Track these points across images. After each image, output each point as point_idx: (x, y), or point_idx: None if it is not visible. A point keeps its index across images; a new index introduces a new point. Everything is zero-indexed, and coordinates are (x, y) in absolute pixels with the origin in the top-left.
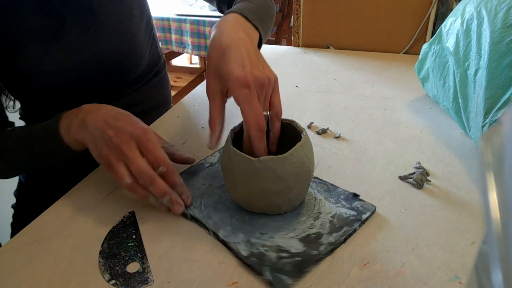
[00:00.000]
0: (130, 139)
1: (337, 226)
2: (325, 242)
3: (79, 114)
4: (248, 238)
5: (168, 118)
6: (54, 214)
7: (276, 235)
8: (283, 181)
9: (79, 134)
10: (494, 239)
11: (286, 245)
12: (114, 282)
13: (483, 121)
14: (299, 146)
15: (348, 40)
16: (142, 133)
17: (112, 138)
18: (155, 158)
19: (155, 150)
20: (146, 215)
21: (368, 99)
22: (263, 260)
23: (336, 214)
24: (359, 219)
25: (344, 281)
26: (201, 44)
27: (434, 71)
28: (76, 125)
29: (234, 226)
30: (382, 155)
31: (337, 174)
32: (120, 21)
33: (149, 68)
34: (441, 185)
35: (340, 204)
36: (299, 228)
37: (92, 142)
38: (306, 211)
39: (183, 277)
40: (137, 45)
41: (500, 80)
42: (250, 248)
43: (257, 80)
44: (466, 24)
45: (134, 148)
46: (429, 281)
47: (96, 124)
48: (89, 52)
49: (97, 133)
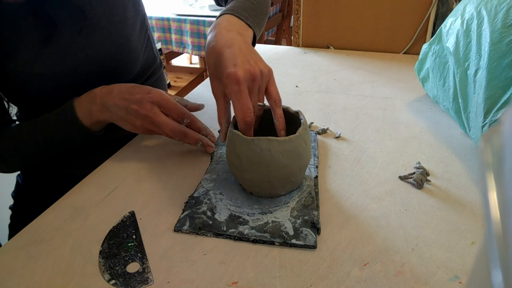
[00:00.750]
0: (152, 106)
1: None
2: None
3: (95, 99)
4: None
5: None
6: (54, 214)
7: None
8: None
9: (104, 116)
10: (494, 239)
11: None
12: (114, 282)
13: (483, 121)
14: (302, 129)
15: (348, 40)
16: (159, 97)
17: (139, 111)
18: (178, 114)
19: (175, 108)
20: (146, 215)
21: (368, 99)
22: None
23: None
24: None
25: (344, 281)
26: (201, 44)
27: (434, 71)
28: (96, 109)
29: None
30: (382, 155)
31: (337, 174)
32: (112, 23)
33: (144, 70)
34: (441, 185)
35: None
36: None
37: (122, 119)
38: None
39: (183, 277)
40: (131, 47)
41: (500, 80)
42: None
43: (248, 74)
44: (466, 24)
45: (159, 113)
46: (429, 281)
47: (117, 104)
48: (81, 55)
49: (122, 111)
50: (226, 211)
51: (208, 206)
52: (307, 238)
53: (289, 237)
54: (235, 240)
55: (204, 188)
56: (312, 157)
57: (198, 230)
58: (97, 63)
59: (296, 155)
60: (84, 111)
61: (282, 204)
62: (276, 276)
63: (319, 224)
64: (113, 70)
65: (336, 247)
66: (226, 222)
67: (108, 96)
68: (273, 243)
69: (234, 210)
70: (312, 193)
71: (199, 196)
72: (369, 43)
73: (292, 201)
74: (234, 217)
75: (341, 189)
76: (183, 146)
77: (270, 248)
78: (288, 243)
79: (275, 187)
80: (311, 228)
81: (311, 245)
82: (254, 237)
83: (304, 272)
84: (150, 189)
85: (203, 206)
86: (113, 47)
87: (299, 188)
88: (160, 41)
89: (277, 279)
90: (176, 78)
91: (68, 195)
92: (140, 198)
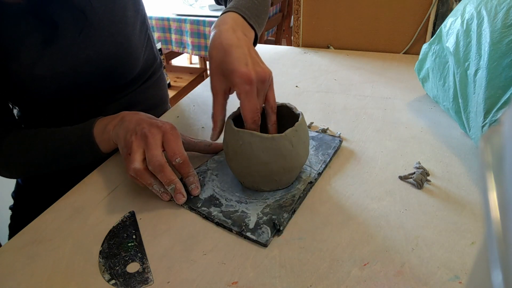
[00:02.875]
0: (158, 131)
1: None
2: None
3: (118, 116)
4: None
5: (168, 118)
6: (54, 214)
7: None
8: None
9: (115, 130)
10: (494, 239)
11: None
12: (114, 282)
13: (483, 121)
14: (290, 131)
15: (348, 40)
16: (170, 127)
17: (144, 129)
18: (173, 149)
19: (175, 143)
20: (146, 215)
21: (368, 99)
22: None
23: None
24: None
25: (344, 281)
26: (201, 44)
27: (434, 71)
28: (113, 124)
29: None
30: (382, 155)
31: (337, 174)
32: (113, 23)
33: (144, 69)
34: (441, 185)
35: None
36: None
37: (124, 133)
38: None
39: (183, 277)
40: (132, 47)
41: (500, 80)
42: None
43: (259, 76)
44: (466, 24)
45: (158, 139)
46: (429, 281)
47: (133, 121)
48: (82, 55)
49: (131, 126)
50: (210, 191)
51: (199, 183)
52: (262, 235)
53: (246, 229)
54: (203, 218)
55: (206, 167)
56: (320, 163)
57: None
58: (98, 63)
59: (278, 154)
60: (101, 126)
61: (261, 199)
62: (276, 276)
63: (281, 227)
64: (114, 70)
65: (336, 247)
66: (204, 200)
67: (130, 116)
68: (231, 230)
69: (217, 193)
70: (296, 197)
71: (198, 172)
72: (369, 43)
73: (272, 198)
74: (213, 198)
75: (341, 189)
76: None
77: (270, 248)
78: (243, 234)
79: (256, 182)
80: (271, 228)
81: (262, 243)
82: (217, 220)
83: (304, 272)
84: (150, 189)
85: None
86: (114, 47)
87: (287, 189)
88: (160, 41)
89: (277, 279)
90: (176, 78)
91: (68, 195)
92: (140, 198)
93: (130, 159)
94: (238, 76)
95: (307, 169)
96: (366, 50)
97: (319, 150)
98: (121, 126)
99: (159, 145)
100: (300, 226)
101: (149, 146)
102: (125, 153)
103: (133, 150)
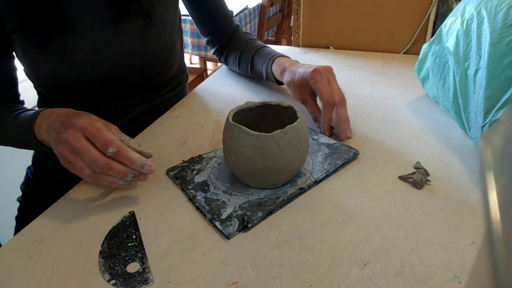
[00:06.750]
0: (76, 131)
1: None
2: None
3: (51, 117)
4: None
5: (168, 118)
6: (54, 214)
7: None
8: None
9: (45, 137)
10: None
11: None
12: (114, 282)
13: (483, 121)
14: (278, 132)
15: (348, 40)
16: (87, 122)
17: (61, 134)
18: (101, 142)
19: (100, 134)
20: (146, 215)
21: (368, 99)
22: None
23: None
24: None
25: (344, 281)
26: (201, 44)
27: (434, 71)
28: (44, 128)
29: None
30: (382, 155)
31: (337, 174)
32: (163, 24)
33: (175, 76)
34: (441, 185)
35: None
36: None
37: (53, 143)
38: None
39: (183, 277)
40: (174, 49)
41: (500, 80)
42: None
43: (324, 70)
44: (466, 24)
45: (81, 139)
46: (429, 281)
47: (55, 127)
48: (128, 46)
49: (54, 134)
50: (205, 176)
51: (200, 168)
52: (228, 228)
53: (218, 218)
54: (188, 200)
55: (214, 154)
56: (322, 171)
57: (175, 179)
58: (141, 57)
59: (262, 154)
60: (38, 126)
61: (246, 194)
62: (276, 276)
63: (249, 224)
64: (153, 67)
65: (336, 247)
66: (196, 184)
67: (59, 118)
68: (205, 216)
69: (211, 179)
70: (278, 200)
71: (204, 158)
72: (369, 43)
73: (256, 196)
74: (204, 184)
75: (341, 189)
76: (184, 146)
77: (270, 248)
78: (212, 222)
79: (242, 176)
80: (240, 222)
81: (225, 235)
82: (197, 204)
83: (304, 272)
84: (150, 189)
85: (197, 166)
86: (160, 45)
87: (275, 190)
88: None
89: (277, 279)
90: None
91: (69, 195)
92: (140, 198)
93: (76, 169)
94: (312, 71)
95: (307, 174)
96: (366, 50)
97: (328, 159)
98: (49, 133)
99: (87, 145)
100: (300, 226)
101: (79, 151)
102: (66, 165)
103: (72, 159)
